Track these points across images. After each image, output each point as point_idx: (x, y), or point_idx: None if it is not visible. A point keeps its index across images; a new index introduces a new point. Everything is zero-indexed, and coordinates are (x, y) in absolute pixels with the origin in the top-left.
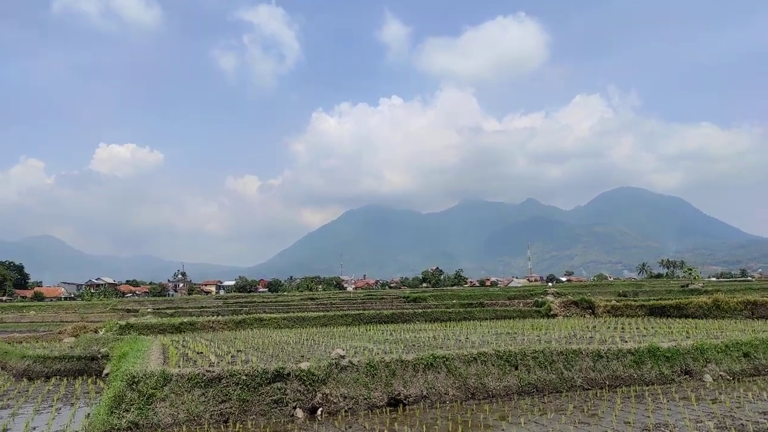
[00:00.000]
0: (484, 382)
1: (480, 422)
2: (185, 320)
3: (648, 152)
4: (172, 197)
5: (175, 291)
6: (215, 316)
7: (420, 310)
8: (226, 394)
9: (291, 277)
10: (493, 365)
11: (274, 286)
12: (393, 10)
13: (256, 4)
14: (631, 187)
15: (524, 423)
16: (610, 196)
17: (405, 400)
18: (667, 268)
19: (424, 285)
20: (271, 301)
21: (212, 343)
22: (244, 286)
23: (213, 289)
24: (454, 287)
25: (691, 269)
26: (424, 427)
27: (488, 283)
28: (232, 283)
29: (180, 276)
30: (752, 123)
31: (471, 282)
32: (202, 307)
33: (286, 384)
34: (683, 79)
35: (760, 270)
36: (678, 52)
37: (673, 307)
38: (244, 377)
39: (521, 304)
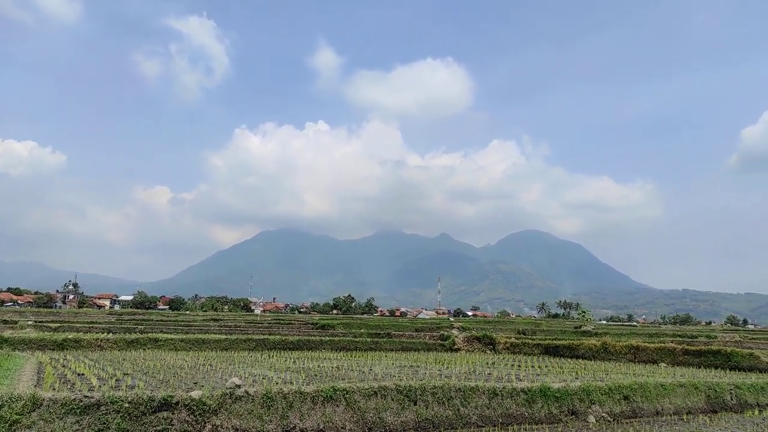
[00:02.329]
0: (382, 417)
1: None
2: (70, 336)
3: (553, 199)
4: (70, 202)
5: (64, 303)
6: (105, 334)
7: (327, 338)
8: (104, 423)
9: (196, 295)
10: (393, 400)
11: (176, 304)
12: (327, 38)
13: (187, 14)
14: (537, 230)
15: None
16: (518, 237)
17: None
18: (564, 308)
19: (335, 311)
20: (170, 320)
21: (97, 364)
22: (143, 302)
23: (107, 303)
24: (365, 315)
25: (584, 311)
26: None
27: (398, 313)
28: (130, 298)
29: (71, 287)
30: (645, 180)
31: (381, 311)
32: (92, 322)
33: (173, 414)
34: (588, 135)
35: (643, 316)
36: (585, 110)
37: (566, 348)
38: (127, 405)
39: (427, 337)
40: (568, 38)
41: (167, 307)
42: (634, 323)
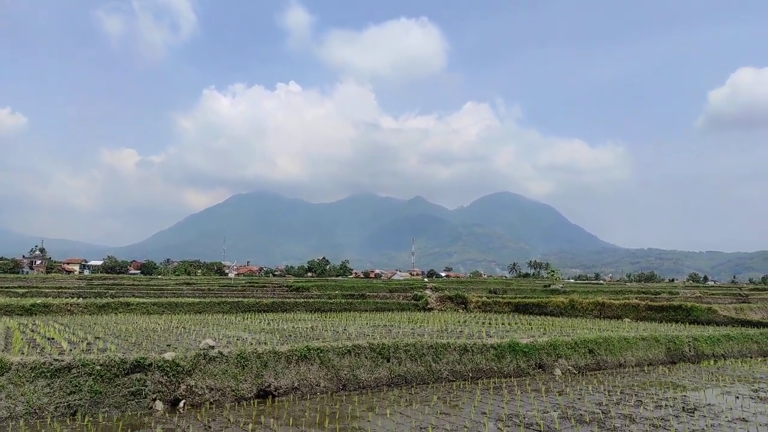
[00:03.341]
0: (356, 374)
1: (348, 413)
2: (38, 301)
3: (526, 161)
4: (34, 166)
5: (31, 269)
6: (75, 299)
7: (302, 300)
8: (76, 386)
9: (168, 259)
10: (367, 357)
11: (147, 269)
12: None
13: None
14: (509, 192)
15: (390, 414)
16: (490, 199)
17: (275, 391)
18: (534, 268)
19: (309, 274)
20: (142, 285)
21: (67, 329)
22: (114, 267)
23: (76, 268)
24: (339, 278)
25: (554, 271)
26: (291, 418)
27: (372, 275)
28: (100, 263)
29: (38, 252)
30: (616, 142)
31: (356, 273)
32: (61, 287)
33: (146, 375)
34: (561, 97)
35: (610, 275)
36: (558, 73)
37: (535, 305)
38: (99, 367)
39: (401, 297)
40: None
41: (139, 271)
42: (601, 281)
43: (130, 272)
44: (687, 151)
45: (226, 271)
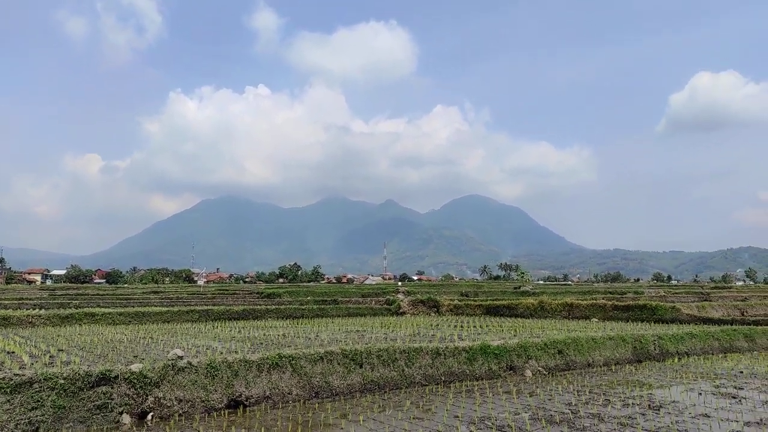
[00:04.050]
0: (328, 381)
1: (320, 421)
2: None
3: (495, 164)
4: None
5: None
6: (37, 310)
7: (273, 307)
8: (38, 401)
9: (134, 268)
10: (339, 364)
11: (113, 278)
12: None
13: None
14: (479, 195)
15: (363, 420)
16: (461, 202)
17: (246, 401)
18: (505, 270)
19: (281, 280)
20: (107, 294)
21: (29, 341)
22: (77, 277)
23: (38, 278)
24: (311, 283)
25: (523, 273)
26: (263, 428)
27: (345, 280)
28: (63, 272)
29: None
30: (582, 146)
31: (328, 278)
32: (22, 298)
33: (112, 388)
34: (528, 101)
35: (578, 276)
36: (525, 77)
37: (506, 307)
38: (62, 381)
39: (374, 302)
40: (508, 4)
41: (104, 280)
42: (569, 282)
43: (95, 281)
44: (649, 153)
45: (195, 278)
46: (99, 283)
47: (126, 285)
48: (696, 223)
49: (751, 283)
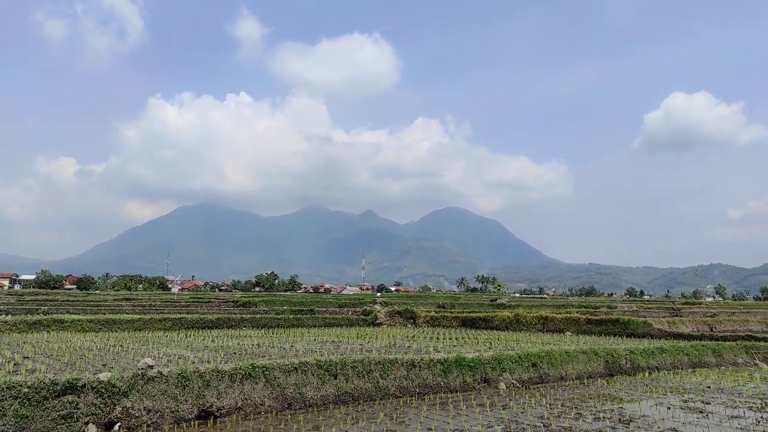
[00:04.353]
0: (302, 392)
1: None
2: None
3: (475, 177)
4: None
5: None
6: (3, 316)
7: (248, 316)
8: (0, 410)
9: (107, 274)
10: (313, 375)
11: (84, 284)
12: (250, 7)
13: None
14: (458, 208)
15: None
16: (440, 214)
17: (217, 412)
18: (482, 283)
19: (257, 289)
20: (78, 300)
21: None
22: (47, 282)
23: (6, 283)
24: (288, 292)
25: (500, 285)
26: None
27: (322, 290)
28: (33, 277)
29: None
30: (559, 160)
31: (305, 288)
32: None
33: (79, 397)
34: (508, 116)
35: (553, 289)
36: (505, 92)
37: (482, 320)
38: (26, 390)
39: (351, 312)
40: (489, 19)
41: (75, 286)
42: (545, 295)
43: (66, 287)
44: (624, 170)
45: (170, 285)
46: (70, 289)
47: (98, 291)
48: (668, 240)
49: (720, 299)
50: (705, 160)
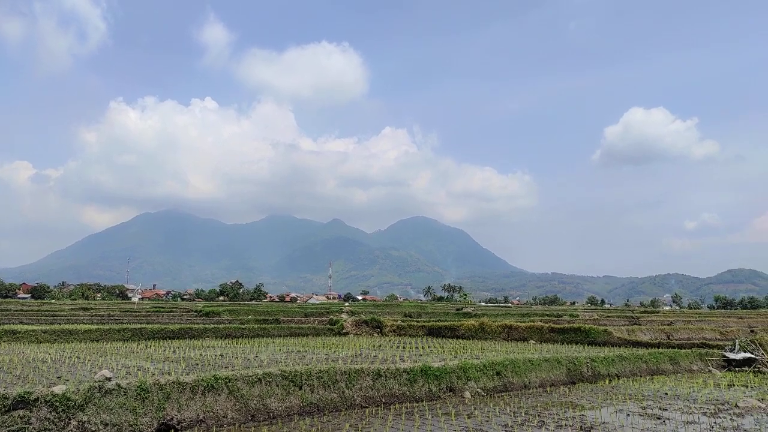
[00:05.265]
0: (266, 404)
1: None
2: None
3: (441, 187)
4: None
5: None
6: None
7: (212, 326)
8: None
9: (63, 282)
10: (278, 386)
11: (39, 292)
12: (217, 12)
13: None
14: (425, 217)
15: None
16: (407, 223)
17: (178, 425)
18: (448, 291)
19: (221, 298)
20: (32, 310)
21: None
22: (0, 291)
23: None
24: (253, 301)
25: (466, 294)
26: None
27: (288, 299)
28: None
29: None
30: (523, 171)
31: (271, 297)
32: None
33: (31, 412)
34: (474, 127)
35: (518, 298)
36: (471, 103)
37: (448, 329)
38: None
39: (317, 322)
40: (457, 33)
41: (29, 295)
42: (509, 304)
43: (19, 296)
44: (585, 182)
45: (130, 294)
46: (23, 298)
47: (53, 301)
48: (627, 250)
49: (677, 308)
50: (661, 173)
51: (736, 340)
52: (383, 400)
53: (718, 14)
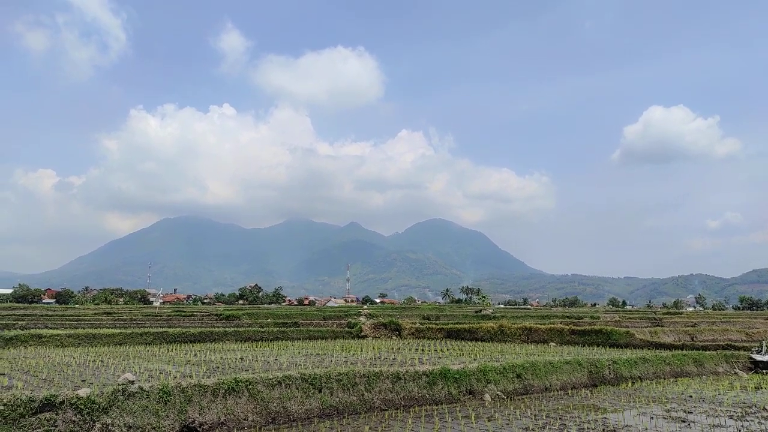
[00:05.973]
0: (286, 406)
1: None
2: None
3: (458, 189)
4: None
5: None
6: None
7: (232, 329)
8: None
9: (86, 287)
10: (298, 388)
11: (63, 297)
12: (234, 20)
13: None
14: (442, 219)
15: None
16: (424, 225)
17: (200, 428)
18: (466, 294)
19: (241, 302)
20: (57, 315)
21: None
22: (25, 296)
23: None
24: (272, 305)
25: (484, 297)
26: None
27: (306, 302)
28: (9, 291)
29: None
30: (541, 173)
31: (290, 300)
32: None
33: (57, 414)
34: (490, 128)
35: (537, 300)
36: (488, 105)
37: (467, 331)
38: (2, 407)
39: (335, 325)
40: (472, 35)
41: (53, 300)
42: (529, 306)
43: (44, 301)
44: (605, 182)
45: (151, 299)
46: (48, 303)
47: (77, 305)
48: (649, 251)
49: (701, 308)
50: (682, 172)
51: (763, 342)
52: (402, 402)
53: (737, 10)
